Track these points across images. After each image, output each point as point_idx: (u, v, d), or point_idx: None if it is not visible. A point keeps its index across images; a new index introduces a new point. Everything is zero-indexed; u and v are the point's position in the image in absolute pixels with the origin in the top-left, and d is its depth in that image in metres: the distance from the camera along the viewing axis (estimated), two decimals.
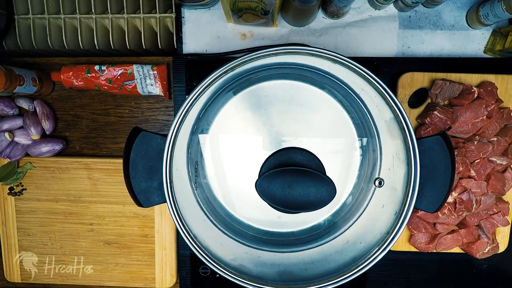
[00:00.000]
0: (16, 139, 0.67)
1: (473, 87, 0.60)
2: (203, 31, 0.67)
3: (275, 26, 0.66)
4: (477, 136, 0.61)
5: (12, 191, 0.70)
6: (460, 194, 0.60)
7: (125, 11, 0.68)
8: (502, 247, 0.65)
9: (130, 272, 0.71)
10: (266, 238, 0.49)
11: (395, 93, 0.54)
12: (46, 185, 0.70)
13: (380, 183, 0.47)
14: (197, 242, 0.43)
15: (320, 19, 0.66)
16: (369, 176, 0.48)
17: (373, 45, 0.66)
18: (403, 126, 0.41)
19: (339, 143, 0.47)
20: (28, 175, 0.70)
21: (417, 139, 0.41)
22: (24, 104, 0.68)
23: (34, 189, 0.71)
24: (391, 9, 0.65)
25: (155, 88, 0.65)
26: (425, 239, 0.64)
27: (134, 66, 0.64)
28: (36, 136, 0.67)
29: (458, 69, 0.63)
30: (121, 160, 0.43)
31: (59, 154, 0.71)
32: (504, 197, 0.64)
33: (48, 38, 0.69)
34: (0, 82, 0.58)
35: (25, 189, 0.70)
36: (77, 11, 0.68)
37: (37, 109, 0.68)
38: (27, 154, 0.70)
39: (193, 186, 0.47)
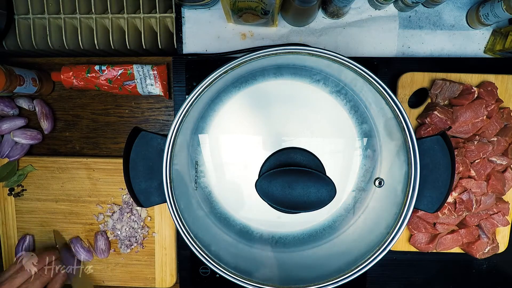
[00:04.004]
0: (15, 139, 0.67)
1: (473, 87, 0.60)
2: (203, 31, 0.67)
3: (275, 26, 0.66)
4: (477, 136, 0.61)
5: (13, 192, 0.70)
6: (460, 194, 0.60)
7: (125, 11, 0.68)
8: (502, 247, 0.65)
9: (130, 272, 0.71)
10: (266, 238, 0.49)
11: (395, 93, 0.54)
12: (46, 185, 0.70)
13: (380, 183, 0.47)
14: (197, 242, 0.43)
15: (320, 19, 0.66)
16: (369, 176, 0.48)
17: (373, 45, 0.66)
18: (403, 126, 0.41)
19: (339, 143, 0.47)
20: (28, 175, 0.70)
21: (417, 139, 0.41)
22: (24, 104, 0.68)
23: (34, 189, 0.70)
24: (391, 9, 0.65)
25: (155, 88, 0.65)
26: (425, 239, 0.64)
27: (134, 66, 0.64)
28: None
29: (458, 69, 0.63)
30: (121, 160, 0.43)
31: (59, 154, 0.71)
32: (504, 197, 0.64)
33: (48, 38, 0.69)
34: (0, 82, 0.58)
35: (25, 189, 0.70)
36: (77, 11, 0.68)
37: (37, 109, 0.68)
38: (26, 154, 0.70)
39: (193, 186, 0.47)
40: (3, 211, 0.71)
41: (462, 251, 0.65)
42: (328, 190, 0.42)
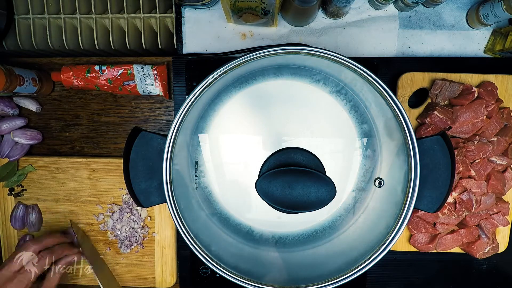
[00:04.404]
0: (15, 139, 0.67)
1: (473, 87, 0.60)
2: (203, 31, 0.67)
3: (275, 26, 0.66)
4: (477, 136, 0.61)
5: (13, 192, 0.70)
6: (460, 194, 0.60)
7: (125, 11, 0.68)
8: (502, 247, 0.65)
9: (130, 272, 0.71)
10: (266, 238, 0.49)
11: (395, 93, 0.54)
12: (46, 185, 0.70)
13: (380, 183, 0.47)
14: (197, 242, 0.43)
15: (320, 19, 0.66)
16: (369, 176, 0.48)
17: (373, 45, 0.66)
18: (403, 126, 0.41)
19: (339, 143, 0.47)
20: (28, 175, 0.70)
21: (417, 139, 0.41)
22: (31, 106, 0.68)
23: (34, 189, 0.70)
24: (391, 9, 0.65)
25: (155, 88, 0.66)
26: (425, 239, 0.64)
27: (134, 66, 0.64)
28: None
29: (458, 69, 0.63)
30: (121, 160, 0.43)
31: (59, 154, 0.71)
32: (504, 197, 0.64)
33: (48, 38, 0.69)
34: (0, 82, 0.58)
35: (25, 189, 0.70)
36: (77, 11, 0.68)
37: None
38: (26, 154, 0.70)
39: (193, 186, 0.47)
40: (3, 211, 0.71)
41: (462, 251, 0.65)
42: (328, 190, 0.42)
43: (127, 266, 0.71)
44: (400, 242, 0.65)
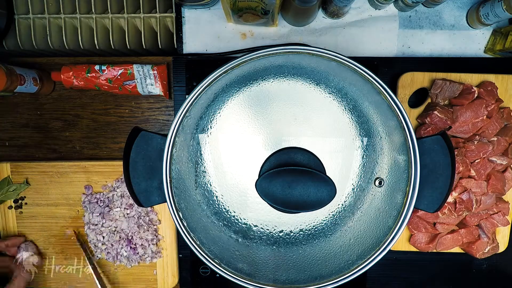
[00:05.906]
0: None
1: (473, 87, 0.60)
2: (203, 31, 0.67)
3: (275, 26, 0.66)
4: (477, 136, 0.61)
5: (13, 206, 0.70)
6: (460, 194, 0.60)
7: (125, 11, 0.68)
8: (502, 247, 0.65)
9: (132, 273, 0.71)
10: (266, 238, 0.49)
11: (395, 93, 0.54)
12: (45, 189, 0.70)
13: (380, 183, 0.47)
14: (197, 242, 0.43)
15: (320, 19, 0.66)
16: (369, 176, 0.48)
17: (373, 45, 0.66)
18: (403, 126, 0.41)
19: (339, 143, 0.47)
20: (27, 181, 0.70)
21: (417, 139, 0.41)
22: None
23: (34, 194, 0.70)
24: (391, 9, 0.65)
25: (155, 88, 0.66)
26: (425, 239, 0.64)
27: (134, 66, 0.64)
28: None
29: (458, 69, 0.63)
30: (119, 162, 0.43)
31: (59, 153, 0.71)
32: (504, 197, 0.64)
33: (48, 38, 0.69)
34: (0, 81, 0.58)
35: (26, 203, 0.70)
36: (77, 11, 0.68)
37: None
38: (25, 159, 0.69)
39: (193, 186, 0.47)
40: (4, 218, 0.71)
41: (462, 251, 0.65)
42: (328, 190, 0.42)
43: (129, 268, 0.71)
44: (400, 242, 0.65)
